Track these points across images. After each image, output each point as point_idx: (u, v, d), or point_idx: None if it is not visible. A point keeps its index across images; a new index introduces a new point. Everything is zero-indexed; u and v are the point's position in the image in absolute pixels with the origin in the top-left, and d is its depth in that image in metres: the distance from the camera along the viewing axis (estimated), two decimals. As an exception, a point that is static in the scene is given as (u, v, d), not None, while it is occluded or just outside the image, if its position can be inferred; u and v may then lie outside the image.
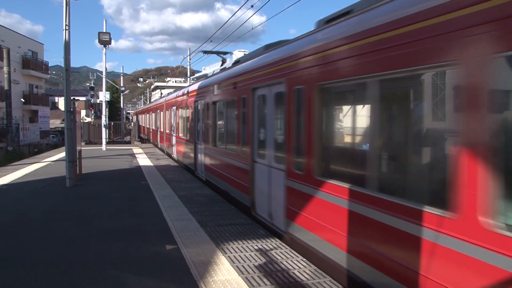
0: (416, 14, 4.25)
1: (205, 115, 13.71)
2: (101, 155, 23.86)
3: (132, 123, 48.51)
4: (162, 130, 27.03)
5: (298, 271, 5.75)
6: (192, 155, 16.05)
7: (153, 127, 32.70)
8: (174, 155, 21.61)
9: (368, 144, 5.23)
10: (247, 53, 15.58)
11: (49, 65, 57.85)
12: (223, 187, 11.62)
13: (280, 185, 7.52)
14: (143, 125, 45.20)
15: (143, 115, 46.50)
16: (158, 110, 29.13)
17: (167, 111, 24.31)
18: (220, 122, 12.39)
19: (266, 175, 8.35)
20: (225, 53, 16.81)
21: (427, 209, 4.03)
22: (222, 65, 15.25)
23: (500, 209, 3.36)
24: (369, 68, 4.97)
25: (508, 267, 3.22)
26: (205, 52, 17.55)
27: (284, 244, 7.01)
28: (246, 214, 9.22)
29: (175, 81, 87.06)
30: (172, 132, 22.01)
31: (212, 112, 12.77)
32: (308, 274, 5.64)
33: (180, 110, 19.71)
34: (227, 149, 11.35)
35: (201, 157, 14.49)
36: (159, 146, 29.06)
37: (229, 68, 11.90)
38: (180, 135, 19.84)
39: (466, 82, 3.66)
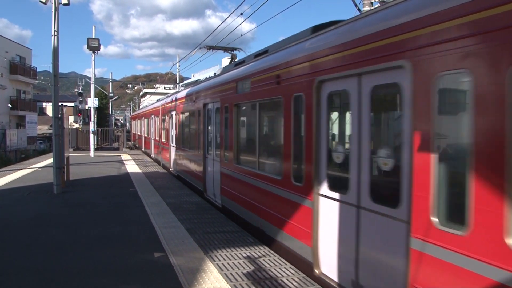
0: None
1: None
2: (89, 161, 23.66)
3: (123, 129, 47.80)
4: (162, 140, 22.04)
5: (287, 279, 5.76)
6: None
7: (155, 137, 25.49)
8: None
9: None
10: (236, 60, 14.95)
11: (37, 70, 57.48)
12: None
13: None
14: (137, 132, 40.61)
15: (135, 121, 43.04)
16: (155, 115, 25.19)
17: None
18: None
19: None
20: (233, 49, 15.05)
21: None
22: (231, 62, 13.78)
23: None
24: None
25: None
26: (210, 47, 15.66)
27: (272, 252, 7.02)
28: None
29: (164, 88, 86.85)
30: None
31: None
32: (296, 282, 5.65)
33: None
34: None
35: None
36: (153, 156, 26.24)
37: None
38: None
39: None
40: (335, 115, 6.27)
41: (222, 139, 10.60)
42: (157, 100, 28.49)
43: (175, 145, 17.53)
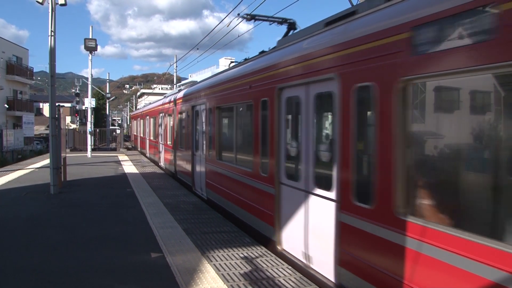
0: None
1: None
2: (86, 162, 23.61)
3: (121, 129, 47.60)
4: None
5: (284, 279, 5.77)
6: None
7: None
8: None
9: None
10: (233, 60, 14.39)
11: (34, 70, 57.37)
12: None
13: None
14: (139, 134, 34.76)
15: (137, 121, 37.07)
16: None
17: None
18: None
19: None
20: (283, 19, 10.06)
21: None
22: (287, 34, 9.57)
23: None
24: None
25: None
26: (252, 17, 10.74)
27: (269, 252, 7.03)
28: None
29: (162, 88, 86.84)
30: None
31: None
32: (293, 282, 5.67)
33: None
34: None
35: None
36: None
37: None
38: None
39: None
40: None
41: (345, 156, 5.24)
42: (164, 97, 23.24)
43: (207, 158, 11.93)
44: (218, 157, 10.86)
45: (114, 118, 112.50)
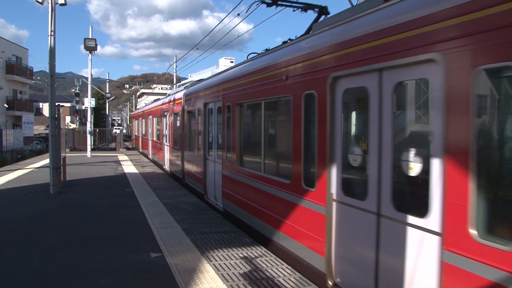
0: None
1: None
2: (86, 162, 23.60)
3: (121, 129, 47.56)
4: None
5: (283, 279, 5.77)
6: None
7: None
8: None
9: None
10: (233, 60, 14.36)
11: (34, 70, 57.36)
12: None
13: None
14: (140, 134, 32.82)
15: (139, 121, 34.31)
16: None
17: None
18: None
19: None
20: (307, 5, 8.96)
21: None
22: (317, 20, 8.20)
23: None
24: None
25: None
26: (274, 2, 9.16)
27: (269, 252, 7.03)
28: None
29: (161, 88, 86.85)
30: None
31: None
32: (292, 282, 5.67)
33: None
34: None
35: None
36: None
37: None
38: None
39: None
40: None
41: (457, 168, 3.56)
42: (168, 94, 20.75)
43: (224, 163, 10.16)
44: (239, 163, 9.17)
45: (114, 118, 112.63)
